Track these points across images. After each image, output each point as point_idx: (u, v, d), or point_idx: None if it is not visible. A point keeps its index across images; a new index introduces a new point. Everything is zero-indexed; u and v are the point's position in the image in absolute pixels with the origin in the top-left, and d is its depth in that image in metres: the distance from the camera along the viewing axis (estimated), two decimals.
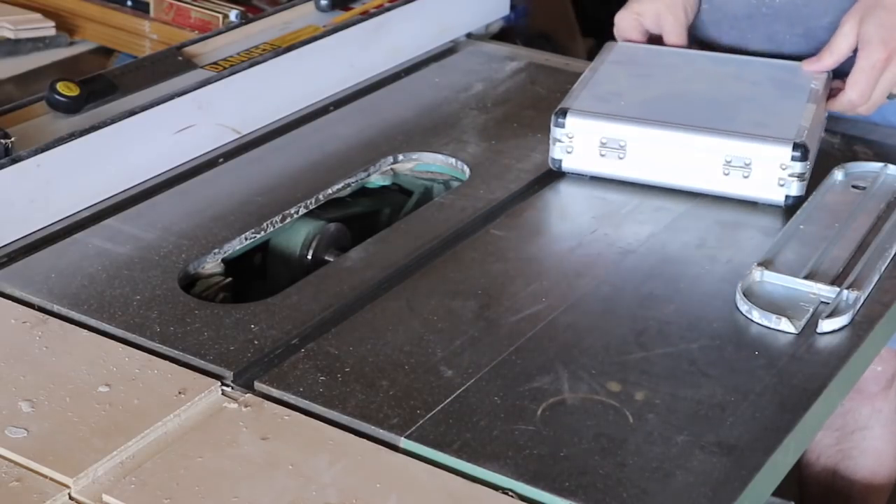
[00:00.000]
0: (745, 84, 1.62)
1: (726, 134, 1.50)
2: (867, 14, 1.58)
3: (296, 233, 1.52)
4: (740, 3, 1.71)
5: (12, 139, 1.44)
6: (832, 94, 1.62)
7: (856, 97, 1.59)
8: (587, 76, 1.64)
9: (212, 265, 1.42)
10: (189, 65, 1.70)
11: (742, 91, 1.61)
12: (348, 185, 1.59)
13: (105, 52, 1.92)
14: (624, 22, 1.73)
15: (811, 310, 1.30)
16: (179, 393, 1.18)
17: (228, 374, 1.22)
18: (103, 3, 1.92)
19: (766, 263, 1.35)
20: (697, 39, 1.79)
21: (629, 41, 1.73)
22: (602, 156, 1.53)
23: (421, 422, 1.15)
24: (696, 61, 1.68)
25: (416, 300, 1.34)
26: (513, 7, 2.09)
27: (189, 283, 1.40)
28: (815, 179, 1.53)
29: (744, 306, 1.30)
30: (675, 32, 1.72)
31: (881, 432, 1.88)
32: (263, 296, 1.34)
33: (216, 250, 1.43)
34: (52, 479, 1.08)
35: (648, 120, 1.53)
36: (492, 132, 1.70)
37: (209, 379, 1.20)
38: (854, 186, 1.53)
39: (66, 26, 1.90)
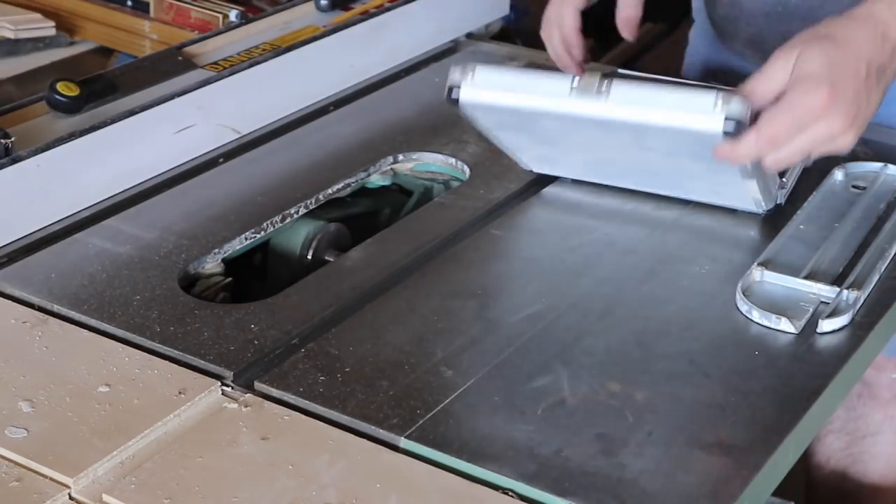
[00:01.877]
0: (658, 154, 1.35)
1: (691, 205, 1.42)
2: (809, 46, 1.24)
3: (296, 233, 1.52)
4: (758, 2, 1.68)
5: (12, 139, 1.44)
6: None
7: (769, 135, 1.20)
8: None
9: (212, 265, 1.42)
10: (189, 65, 1.70)
11: (665, 161, 1.36)
12: (348, 185, 1.59)
13: (105, 52, 1.92)
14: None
15: (811, 310, 1.30)
16: (179, 393, 1.18)
17: (228, 374, 1.22)
18: (103, 3, 1.92)
19: (766, 263, 1.35)
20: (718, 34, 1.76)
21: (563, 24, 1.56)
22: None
23: (421, 422, 1.15)
24: (581, 128, 1.34)
25: (416, 300, 1.34)
26: (513, 7, 2.09)
27: (189, 283, 1.40)
28: (815, 179, 1.53)
29: (744, 306, 1.30)
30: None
31: (893, 438, 1.88)
32: (263, 296, 1.34)
33: (216, 250, 1.43)
34: (52, 479, 1.08)
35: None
36: None
37: (209, 379, 1.20)
38: (854, 186, 1.52)
39: (66, 26, 1.90)
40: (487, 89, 1.26)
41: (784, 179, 1.47)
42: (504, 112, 1.27)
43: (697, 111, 1.21)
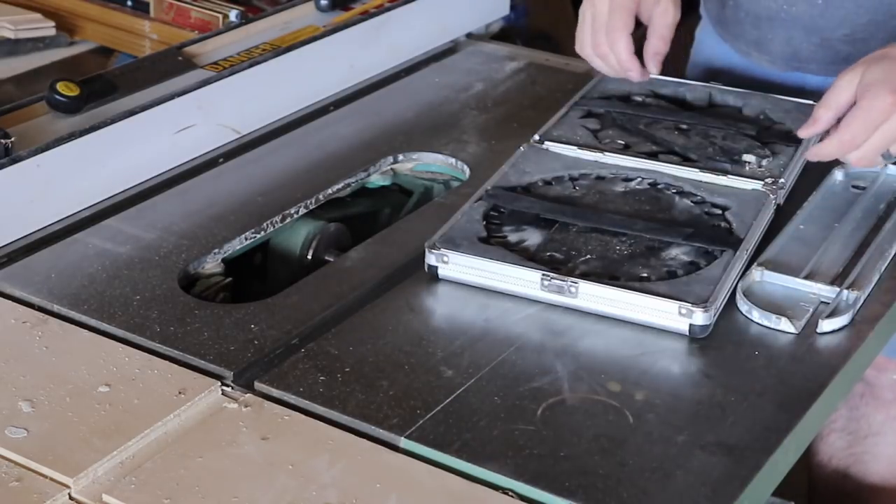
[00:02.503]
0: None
1: None
2: (872, 64, 1.41)
3: (296, 233, 1.52)
4: (762, 5, 1.69)
5: (12, 139, 1.44)
6: (822, 138, 1.45)
7: (847, 138, 1.40)
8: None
9: (212, 265, 1.42)
10: (189, 65, 1.70)
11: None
12: (348, 185, 1.59)
13: (105, 52, 1.92)
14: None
15: (811, 310, 1.30)
16: (179, 393, 1.18)
17: (228, 374, 1.22)
18: (103, 3, 1.92)
19: (766, 263, 1.35)
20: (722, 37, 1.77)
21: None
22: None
23: (421, 422, 1.15)
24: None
25: (416, 300, 1.34)
26: (513, 7, 2.09)
27: (189, 283, 1.40)
28: (815, 179, 1.53)
29: (744, 306, 1.30)
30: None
31: (894, 439, 1.88)
32: (263, 296, 1.34)
33: (216, 250, 1.43)
34: (52, 479, 1.08)
35: None
36: (492, 132, 1.70)
37: (209, 379, 1.20)
38: (854, 186, 1.52)
39: (66, 26, 1.90)
40: (463, 273, 1.35)
41: (783, 180, 1.47)
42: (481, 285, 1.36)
43: (662, 315, 1.28)
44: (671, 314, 1.27)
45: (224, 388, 1.20)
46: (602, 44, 1.62)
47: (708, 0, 1.82)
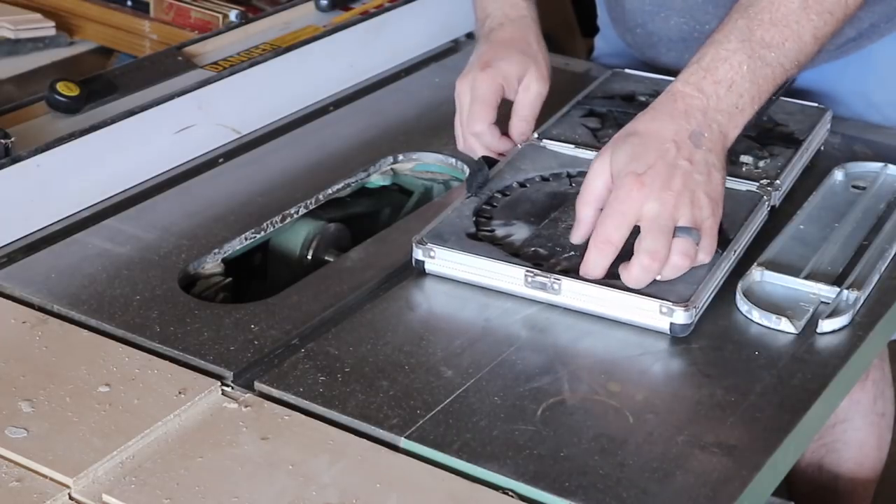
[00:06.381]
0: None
1: None
2: (618, 145, 1.29)
3: (296, 233, 1.52)
4: (674, 29, 1.68)
5: (12, 139, 1.44)
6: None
7: (600, 239, 1.26)
8: None
9: (212, 265, 1.43)
10: (189, 65, 1.70)
11: None
12: (348, 185, 1.59)
13: (105, 52, 1.92)
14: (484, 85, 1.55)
15: (811, 310, 1.30)
16: (179, 393, 1.18)
17: (228, 374, 1.22)
18: (103, 3, 1.92)
19: (766, 263, 1.35)
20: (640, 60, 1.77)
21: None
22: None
23: (421, 422, 1.15)
24: None
25: (416, 300, 1.34)
26: None
27: (189, 283, 1.40)
28: (815, 179, 1.53)
29: (744, 306, 1.30)
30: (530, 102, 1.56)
31: (861, 423, 1.90)
32: (263, 296, 1.35)
33: (216, 250, 1.43)
34: (52, 479, 1.08)
35: None
36: None
37: (209, 379, 1.20)
38: (854, 186, 1.52)
39: (66, 26, 1.90)
40: (449, 268, 1.35)
41: (778, 181, 1.47)
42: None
43: (643, 313, 1.27)
44: (652, 312, 1.27)
45: (224, 388, 1.20)
46: (469, 138, 1.58)
47: (616, 24, 1.81)
